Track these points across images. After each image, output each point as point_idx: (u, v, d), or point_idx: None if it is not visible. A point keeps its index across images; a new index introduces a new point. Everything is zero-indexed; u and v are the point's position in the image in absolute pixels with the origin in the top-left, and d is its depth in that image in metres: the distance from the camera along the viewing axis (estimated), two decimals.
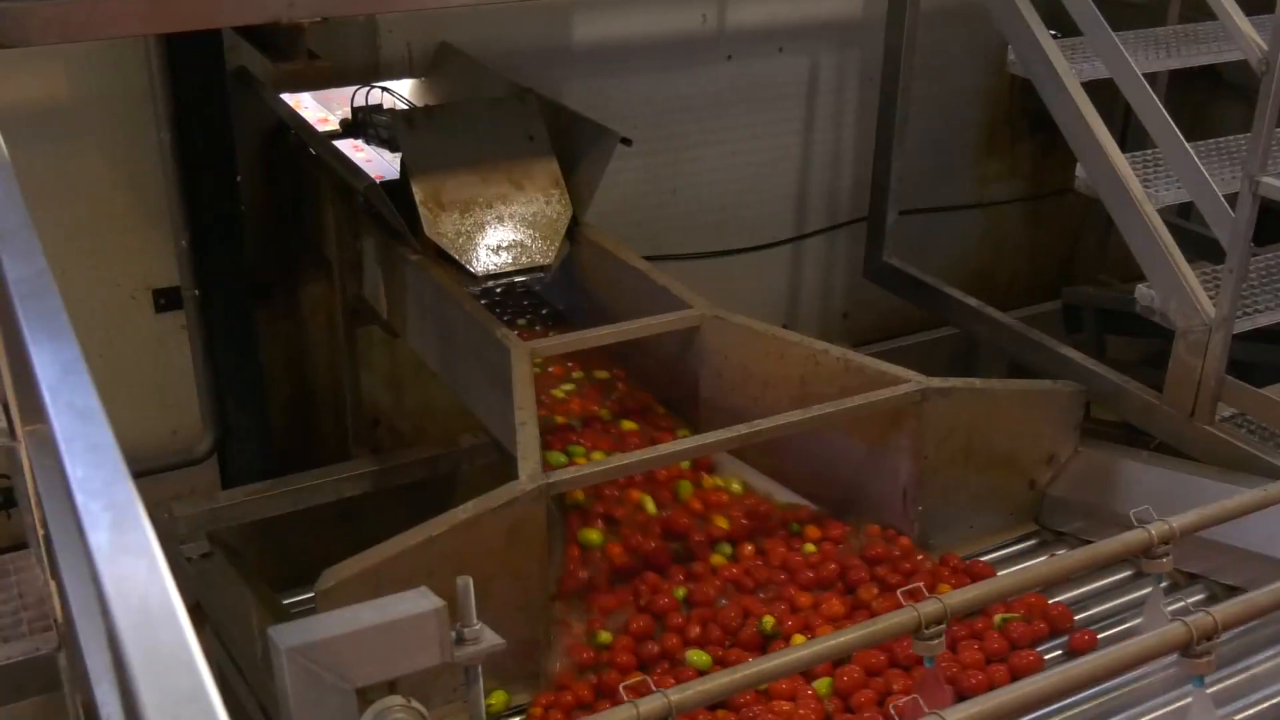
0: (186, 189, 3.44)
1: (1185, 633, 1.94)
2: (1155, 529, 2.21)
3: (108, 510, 0.88)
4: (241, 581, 3.09)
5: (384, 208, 3.12)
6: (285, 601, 3.14)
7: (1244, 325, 3.03)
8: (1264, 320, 3.09)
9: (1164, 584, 2.64)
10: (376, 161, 3.63)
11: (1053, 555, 2.86)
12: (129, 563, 0.84)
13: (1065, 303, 4.46)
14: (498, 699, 2.50)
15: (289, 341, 3.87)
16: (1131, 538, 2.22)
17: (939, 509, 2.92)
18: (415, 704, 1.88)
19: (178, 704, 0.74)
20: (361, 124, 3.67)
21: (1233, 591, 2.68)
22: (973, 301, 3.88)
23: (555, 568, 2.67)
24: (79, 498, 0.89)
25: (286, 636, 1.47)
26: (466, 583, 1.59)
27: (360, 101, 3.67)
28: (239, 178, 3.48)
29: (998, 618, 2.58)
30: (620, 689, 1.92)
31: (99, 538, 0.85)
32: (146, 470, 3.63)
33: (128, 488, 0.90)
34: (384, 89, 3.70)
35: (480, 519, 2.41)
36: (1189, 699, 2.06)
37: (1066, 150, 3.29)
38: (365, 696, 1.78)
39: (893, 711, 1.80)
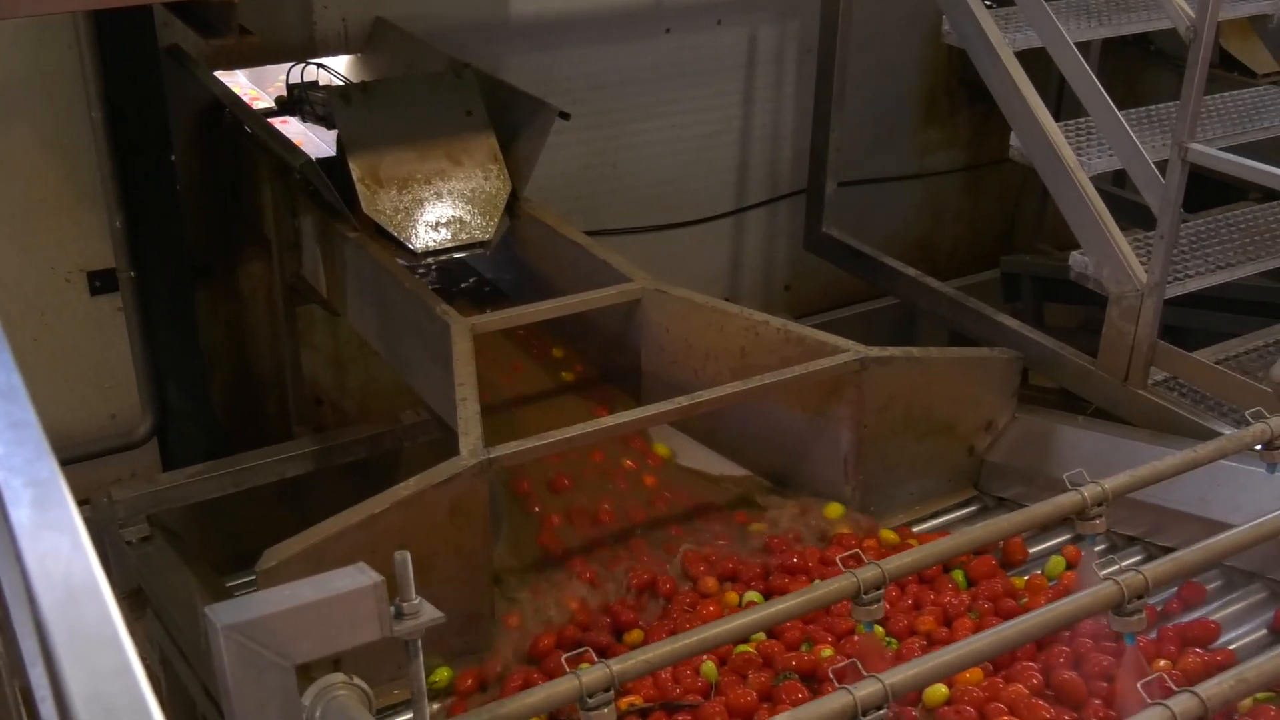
0: (120, 169, 3.40)
1: (1117, 591, 1.97)
2: (1088, 491, 2.24)
3: (29, 487, 0.87)
4: (183, 565, 3.07)
5: (321, 185, 3.10)
6: (229, 584, 3.11)
7: (1175, 290, 3.08)
8: (1194, 285, 3.14)
9: (1100, 546, 2.70)
10: (313, 139, 3.60)
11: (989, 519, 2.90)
12: (51, 539, 0.83)
13: (1004, 271, 4.52)
14: (441, 676, 2.49)
15: (229, 322, 3.84)
16: (1065, 500, 2.25)
17: (879, 477, 2.95)
18: (358, 681, 1.89)
19: (101, 679, 0.74)
20: (297, 101, 3.63)
21: (1166, 552, 2.73)
22: (911, 271, 3.92)
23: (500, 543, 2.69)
24: (0, 474, 0.89)
25: (223, 615, 1.46)
26: (404, 557, 1.58)
27: (295, 78, 3.63)
28: (174, 157, 3.44)
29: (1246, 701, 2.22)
30: (563, 660, 1.93)
31: (20, 514, 0.85)
32: (85, 455, 3.60)
33: (50, 465, 0.90)
34: (319, 65, 3.66)
35: (422, 495, 2.41)
36: None
37: (1004, 120, 3.33)
38: (309, 675, 1.78)
39: (831, 674, 1.82)
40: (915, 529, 2.95)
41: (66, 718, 0.76)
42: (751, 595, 2.62)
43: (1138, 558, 2.74)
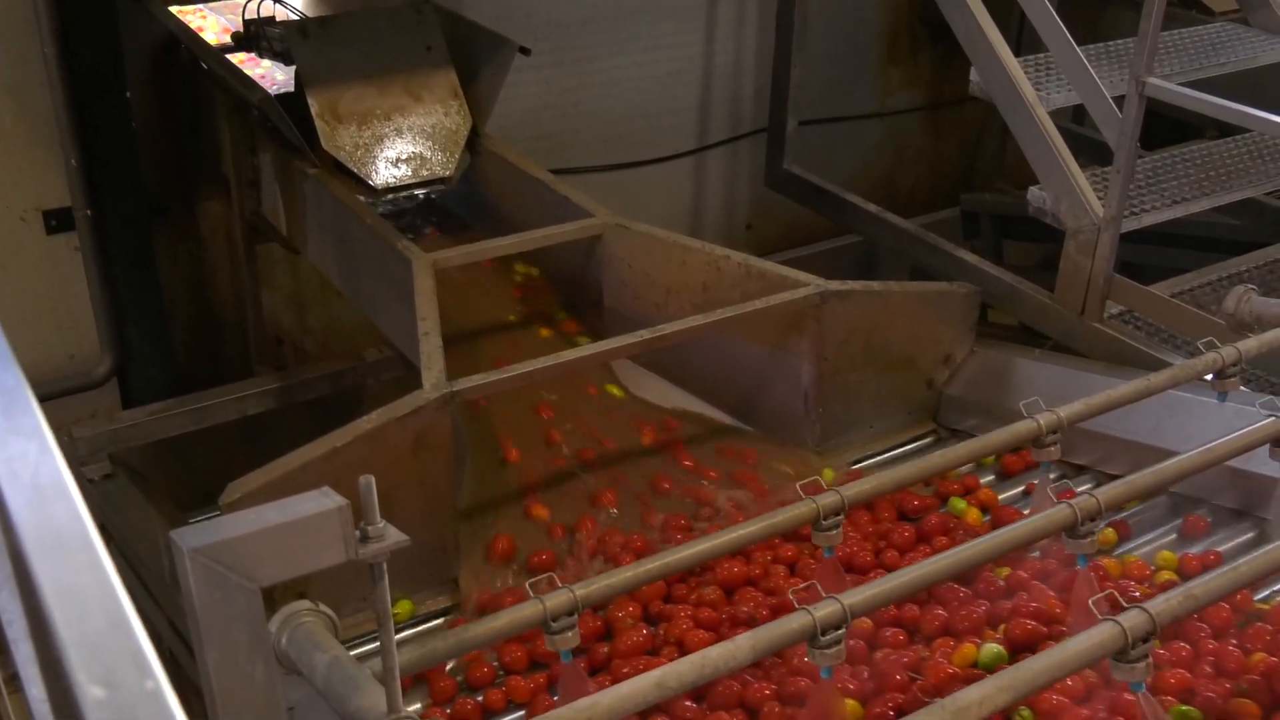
0: (75, 106, 3.35)
1: (1070, 514, 2.01)
2: (1044, 419, 2.28)
3: None
4: (146, 502, 3.07)
5: (280, 121, 3.08)
6: (192, 520, 3.12)
7: (1131, 225, 3.11)
8: (1150, 220, 3.17)
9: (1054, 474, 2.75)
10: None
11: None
12: (19, 444, 0.84)
13: (963, 209, 4.54)
14: (403, 609, 2.52)
15: (188, 261, 3.81)
16: (1021, 428, 2.28)
17: (839, 410, 2.98)
18: (324, 608, 1.90)
19: (74, 574, 0.75)
20: (254, 37, 3.59)
21: None
22: (872, 208, 3.94)
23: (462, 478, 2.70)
24: None
25: (189, 538, 1.46)
26: (369, 481, 1.59)
27: (252, 14, 3.59)
28: (129, 94, 3.39)
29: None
30: (526, 586, 1.95)
31: None
32: (44, 395, 3.49)
33: (15, 373, 0.90)
34: (276, 1, 3.62)
35: (385, 428, 2.42)
36: None
37: (965, 59, 3.33)
38: (273, 607, 1.79)
39: (792, 597, 1.85)
40: (874, 460, 2.99)
41: (38, 616, 0.77)
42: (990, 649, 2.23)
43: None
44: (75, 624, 0.71)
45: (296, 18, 3.55)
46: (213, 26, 3.76)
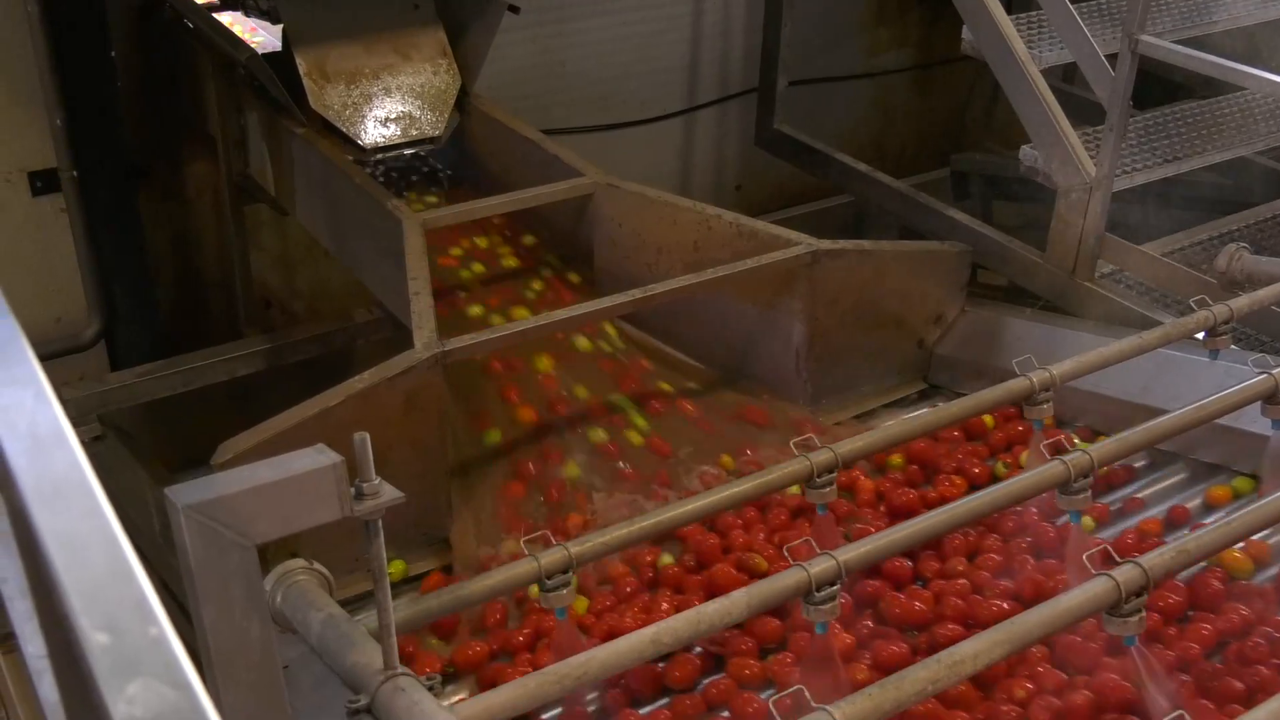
0: (58, 66, 3.32)
1: (1063, 471, 2.02)
2: (1036, 377, 2.29)
3: None
4: (136, 463, 3.06)
5: (267, 80, 3.05)
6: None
7: (1122, 184, 3.10)
8: (1141, 179, 3.17)
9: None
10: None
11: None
12: (14, 393, 0.83)
13: (953, 170, 4.53)
14: (396, 569, 2.51)
15: (174, 223, 3.78)
16: (1014, 385, 2.29)
17: (830, 369, 2.98)
18: (318, 566, 1.90)
19: (74, 521, 0.74)
20: None
21: None
22: (863, 167, 3.93)
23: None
24: None
25: (184, 495, 1.46)
26: (364, 438, 1.58)
27: None
28: (113, 53, 3.36)
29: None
30: (521, 543, 1.95)
31: None
32: None
33: (10, 323, 0.90)
34: None
35: (377, 388, 2.41)
36: None
37: (954, 18, 3.32)
38: (266, 566, 1.78)
39: (786, 553, 1.85)
40: (865, 421, 2.99)
41: (38, 565, 0.76)
42: None
43: None
44: (76, 571, 0.71)
45: None
46: None
